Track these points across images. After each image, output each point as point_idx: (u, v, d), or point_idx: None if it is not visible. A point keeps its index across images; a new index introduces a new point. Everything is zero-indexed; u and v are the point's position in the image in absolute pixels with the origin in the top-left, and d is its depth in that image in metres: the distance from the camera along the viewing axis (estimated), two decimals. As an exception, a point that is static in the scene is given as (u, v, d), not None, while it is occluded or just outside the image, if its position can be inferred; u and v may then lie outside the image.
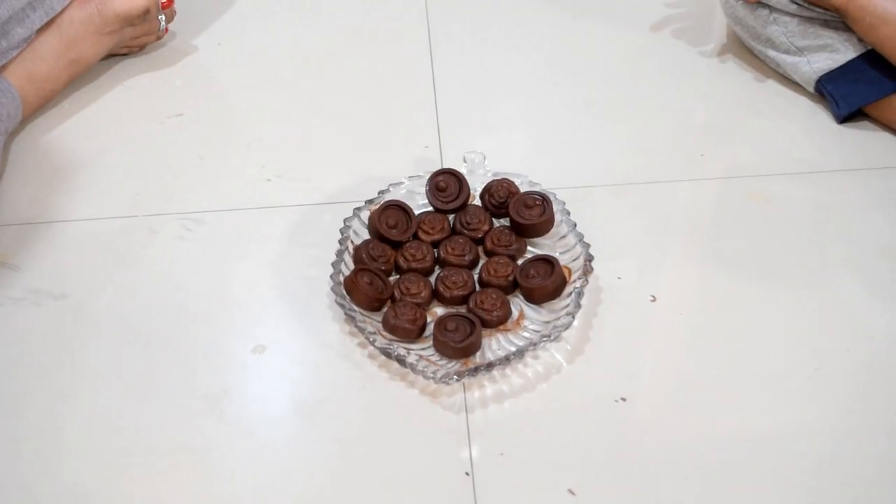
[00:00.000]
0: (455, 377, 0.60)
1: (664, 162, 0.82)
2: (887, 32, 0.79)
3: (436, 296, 0.67)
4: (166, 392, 0.62)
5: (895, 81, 0.81)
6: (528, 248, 0.71)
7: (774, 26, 0.87)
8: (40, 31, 0.85)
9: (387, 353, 0.62)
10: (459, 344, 0.61)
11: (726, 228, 0.75)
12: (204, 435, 0.59)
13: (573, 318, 0.64)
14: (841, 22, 0.84)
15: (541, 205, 0.70)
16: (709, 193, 0.79)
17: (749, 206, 0.78)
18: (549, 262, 0.67)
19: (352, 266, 0.67)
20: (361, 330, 0.63)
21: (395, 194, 0.73)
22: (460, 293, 0.66)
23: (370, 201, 0.73)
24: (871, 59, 0.83)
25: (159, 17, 0.95)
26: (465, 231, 0.71)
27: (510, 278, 0.67)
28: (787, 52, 0.87)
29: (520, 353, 0.61)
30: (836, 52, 0.84)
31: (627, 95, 0.91)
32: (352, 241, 0.69)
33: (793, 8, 0.84)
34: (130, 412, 0.61)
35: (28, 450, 0.58)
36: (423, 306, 0.65)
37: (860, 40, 0.83)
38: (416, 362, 0.61)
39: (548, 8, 1.05)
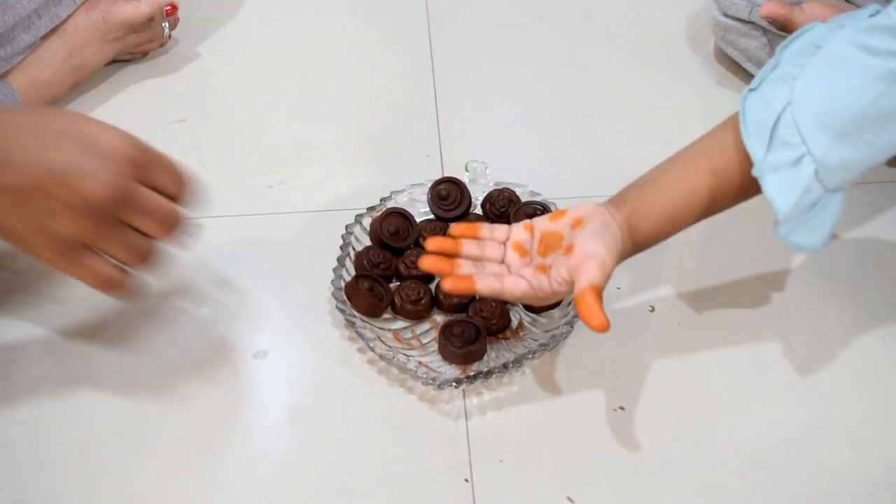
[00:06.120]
0: (454, 384, 0.61)
1: (663, 174, 0.82)
2: None
3: (435, 303, 0.67)
4: (166, 397, 0.62)
5: None
6: (528, 257, 0.71)
7: (768, 49, 0.87)
8: (44, 36, 0.86)
9: (386, 359, 0.62)
10: (461, 349, 0.62)
11: (723, 240, 0.76)
12: (203, 440, 0.60)
13: (572, 327, 0.64)
14: None
15: (541, 215, 0.70)
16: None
17: (745, 218, 0.78)
18: (548, 271, 0.67)
19: (353, 272, 0.68)
20: (361, 335, 0.63)
21: (397, 202, 0.74)
22: (459, 301, 0.66)
23: (372, 208, 0.73)
24: None
25: (163, 24, 0.96)
26: (466, 239, 0.71)
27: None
28: None
29: (518, 362, 0.62)
30: None
31: (627, 107, 0.92)
32: (353, 248, 0.70)
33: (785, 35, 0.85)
34: (130, 416, 0.61)
35: (22, 450, 0.59)
36: (423, 312, 0.66)
37: None
38: (415, 368, 0.61)
39: (548, 19, 1.06)
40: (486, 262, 0.61)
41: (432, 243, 0.61)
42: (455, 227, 0.63)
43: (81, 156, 0.51)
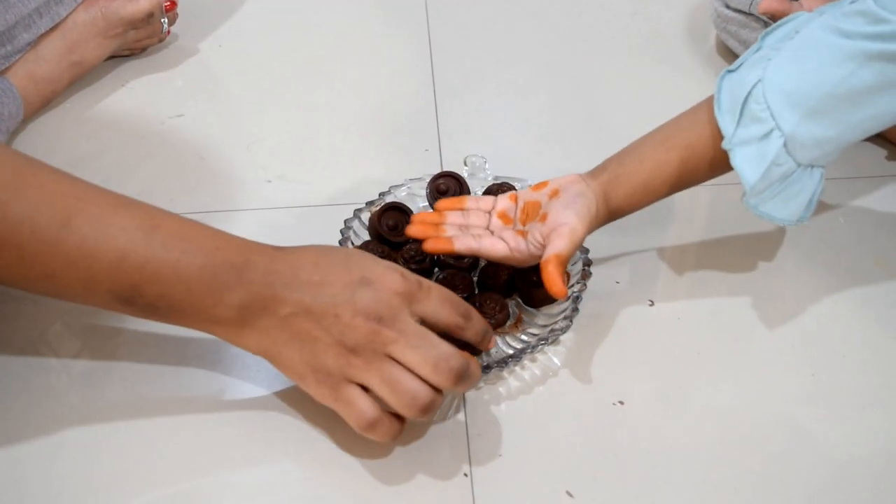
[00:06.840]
0: (453, 379, 0.61)
1: (663, 168, 0.82)
2: None
3: (435, 298, 0.67)
4: (163, 391, 0.62)
5: None
6: (527, 251, 0.71)
7: None
8: (43, 33, 0.85)
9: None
10: (459, 344, 0.61)
11: (722, 234, 0.76)
12: (201, 436, 0.60)
13: (571, 322, 0.64)
14: None
15: (540, 209, 0.70)
16: (705, 199, 0.80)
17: (744, 212, 0.78)
18: (547, 265, 0.67)
19: (351, 267, 0.68)
20: (361, 331, 0.63)
21: (396, 196, 0.74)
22: (458, 295, 0.66)
23: (370, 203, 0.73)
24: None
25: (162, 19, 0.96)
26: (465, 234, 0.71)
27: (509, 282, 0.67)
28: None
29: (518, 357, 0.62)
30: None
31: (627, 101, 0.91)
32: (352, 242, 0.70)
33: None
34: (125, 409, 0.61)
35: (22, 442, 0.59)
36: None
37: None
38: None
39: (548, 12, 1.06)
40: (471, 228, 0.64)
41: (417, 218, 0.65)
42: (440, 202, 0.67)
43: (351, 287, 0.52)
